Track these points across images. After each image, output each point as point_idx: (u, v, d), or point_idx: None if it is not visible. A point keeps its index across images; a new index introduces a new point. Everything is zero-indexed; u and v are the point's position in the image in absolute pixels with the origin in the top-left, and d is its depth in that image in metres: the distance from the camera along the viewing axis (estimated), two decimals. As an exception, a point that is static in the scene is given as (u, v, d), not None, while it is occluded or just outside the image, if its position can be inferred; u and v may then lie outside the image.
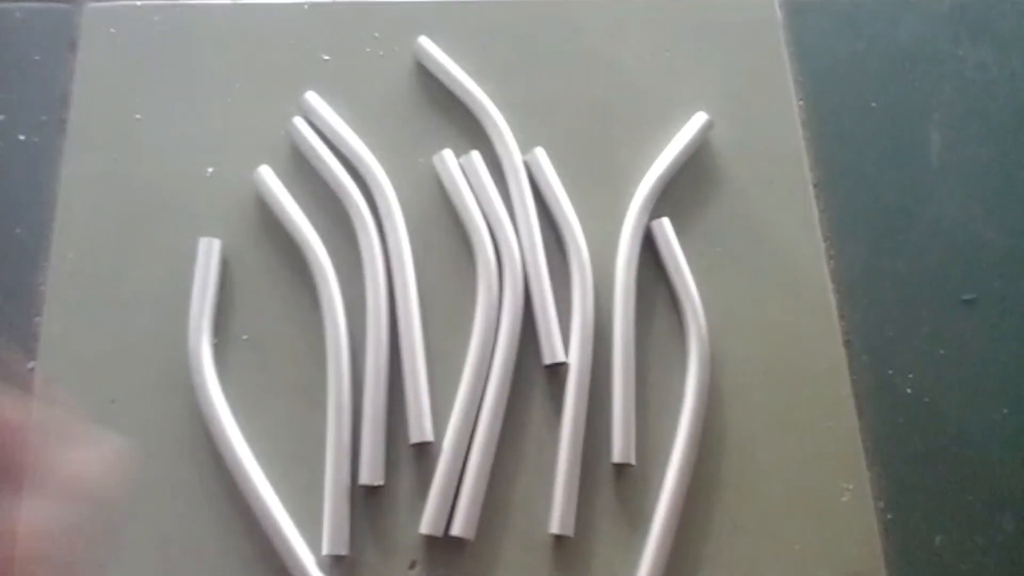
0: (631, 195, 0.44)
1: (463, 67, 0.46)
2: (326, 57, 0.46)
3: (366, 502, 0.39)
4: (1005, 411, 0.43)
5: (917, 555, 0.40)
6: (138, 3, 0.47)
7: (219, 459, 0.38)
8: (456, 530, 0.37)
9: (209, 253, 0.41)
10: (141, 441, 0.39)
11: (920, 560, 0.40)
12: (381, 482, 0.38)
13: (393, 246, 0.42)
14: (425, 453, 0.39)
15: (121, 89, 0.46)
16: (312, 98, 0.44)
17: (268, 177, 0.43)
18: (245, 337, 0.41)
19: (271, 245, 0.43)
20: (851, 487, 0.40)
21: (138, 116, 0.45)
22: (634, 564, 0.38)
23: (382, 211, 0.42)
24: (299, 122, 0.44)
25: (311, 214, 0.42)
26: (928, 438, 0.42)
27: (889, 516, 0.40)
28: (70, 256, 0.42)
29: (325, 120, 0.44)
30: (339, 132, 0.44)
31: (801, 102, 0.48)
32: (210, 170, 0.44)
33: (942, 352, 0.43)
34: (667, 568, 0.38)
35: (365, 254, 0.41)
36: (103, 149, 0.44)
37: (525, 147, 0.44)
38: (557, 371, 0.41)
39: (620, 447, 0.39)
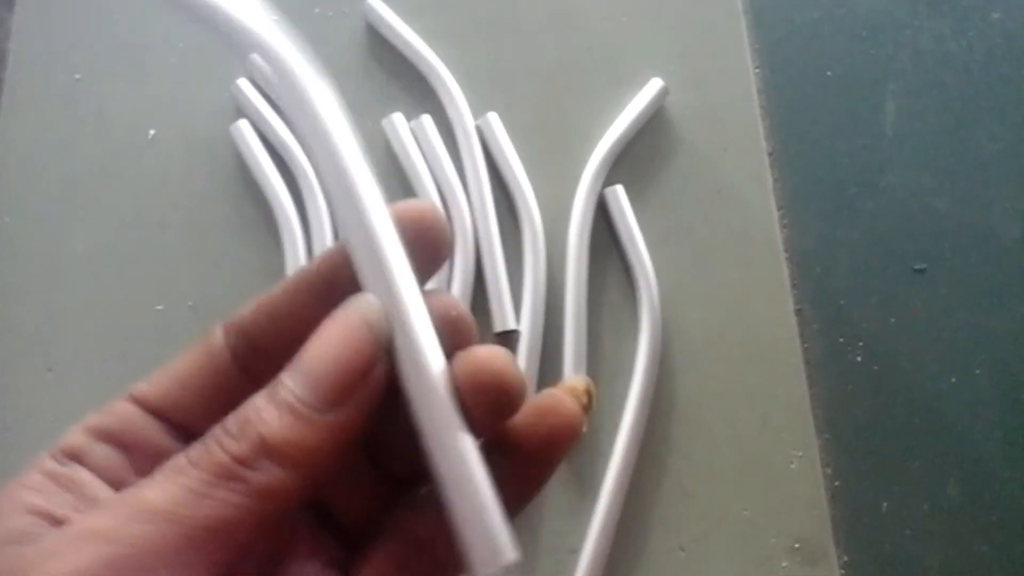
0: (585, 161, 0.43)
1: (414, 29, 0.45)
2: (274, 18, 0.45)
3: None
4: (953, 380, 0.43)
5: (864, 521, 0.40)
6: (78, -41, 0.46)
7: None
8: (403, 498, 0.37)
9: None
10: (78, 411, 0.38)
11: (867, 526, 0.40)
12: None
13: (341, 211, 0.41)
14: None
15: (60, 48, 0.44)
16: (259, 60, 0.43)
17: (247, 132, 0.42)
18: (190, 303, 0.40)
19: (215, 211, 0.42)
20: (800, 454, 0.40)
21: (78, 76, 0.43)
22: (583, 530, 0.38)
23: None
24: (244, 84, 0.43)
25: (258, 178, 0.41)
26: (877, 406, 0.42)
27: (837, 483, 0.41)
28: (6, 220, 0.41)
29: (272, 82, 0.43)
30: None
31: (758, 70, 0.48)
32: (152, 132, 0.42)
33: (892, 321, 0.44)
34: (615, 534, 0.38)
35: (312, 220, 0.40)
36: (41, 110, 0.43)
37: (477, 112, 0.43)
38: (508, 339, 0.40)
39: (570, 415, 0.39)
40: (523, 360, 0.39)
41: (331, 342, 0.17)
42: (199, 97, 0.43)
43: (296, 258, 0.40)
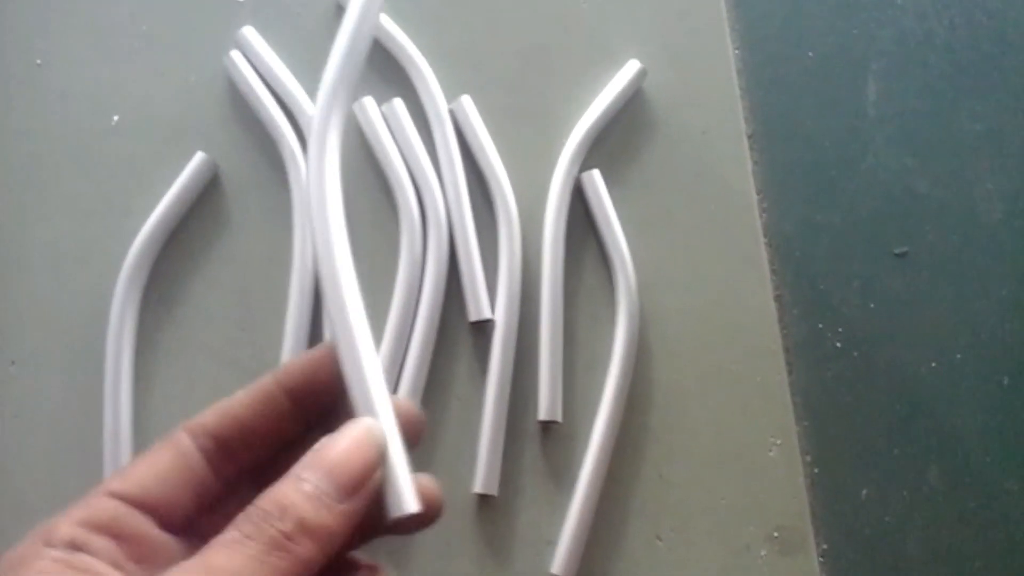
0: (561, 145, 0.42)
1: (386, 11, 0.43)
2: (241, 0, 0.44)
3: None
4: (933, 365, 0.42)
5: (843, 508, 0.40)
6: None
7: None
8: (376, 491, 0.36)
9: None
10: (42, 405, 0.37)
11: (846, 513, 0.40)
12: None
13: (311, 199, 0.40)
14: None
15: (20, 33, 0.43)
16: (252, 33, 0.42)
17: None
18: (156, 295, 0.39)
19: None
20: (779, 441, 0.40)
21: (39, 62, 0.42)
22: (560, 522, 0.37)
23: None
24: (237, 56, 0.42)
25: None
26: (857, 392, 0.42)
27: (816, 470, 0.40)
28: (-35, 210, 0.40)
29: (258, 60, 0.42)
30: (271, 73, 0.41)
31: (737, 51, 0.47)
32: (115, 118, 0.41)
33: (872, 306, 0.43)
34: (593, 524, 0.37)
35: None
36: (1, 97, 0.41)
37: (451, 95, 0.42)
38: (483, 328, 0.40)
39: (546, 405, 0.38)
40: (498, 350, 0.39)
41: (348, 448, 0.21)
42: (163, 83, 0.42)
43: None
